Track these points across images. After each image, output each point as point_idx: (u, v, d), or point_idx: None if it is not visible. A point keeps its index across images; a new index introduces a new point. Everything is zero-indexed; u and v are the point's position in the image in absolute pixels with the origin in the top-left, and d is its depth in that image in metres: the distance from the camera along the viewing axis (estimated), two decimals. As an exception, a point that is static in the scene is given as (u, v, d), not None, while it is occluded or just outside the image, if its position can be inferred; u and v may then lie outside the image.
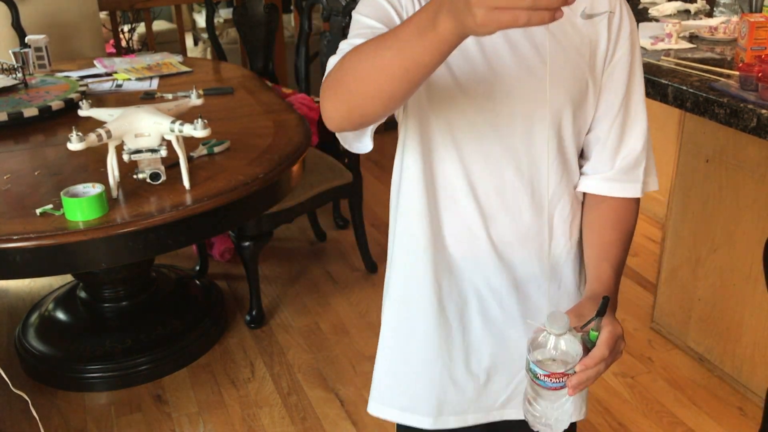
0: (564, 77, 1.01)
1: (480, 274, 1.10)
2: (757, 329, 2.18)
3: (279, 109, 2.44)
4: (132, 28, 5.46)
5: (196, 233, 1.95)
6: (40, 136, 2.33)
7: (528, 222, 1.07)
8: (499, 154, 1.04)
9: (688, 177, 2.34)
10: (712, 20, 2.48)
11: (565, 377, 0.89)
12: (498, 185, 1.05)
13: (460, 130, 1.03)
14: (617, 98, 1.06)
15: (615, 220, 1.10)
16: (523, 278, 1.11)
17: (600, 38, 1.03)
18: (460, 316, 1.13)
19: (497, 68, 1.00)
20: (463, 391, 1.16)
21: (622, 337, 0.94)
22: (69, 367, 2.39)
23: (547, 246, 1.09)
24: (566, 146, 1.06)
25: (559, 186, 1.08)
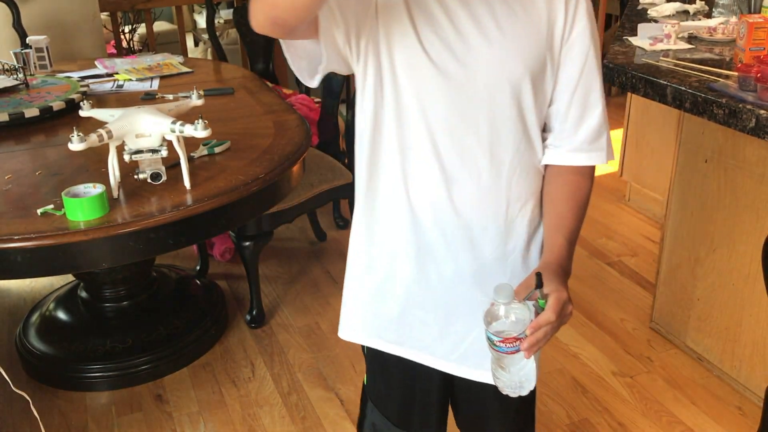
0: (523, 51, 1.09)
1: (438, 230, 1.17)
2: (756, 329, 2.19)
3: (279, 110, 2.45)
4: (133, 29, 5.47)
5: (196, 233, 1.95)
6: (41, 136, 2.33)
7: (486, 185, 1.14)
8: (461, 120, 1.11)
9: (687, 177, 2.35)
10: (711, 21, 2.48)
11: (519, 341, 1.00)
12: (460, 150, 1.12)
13: (428, 98, 1.10)
14: (576, 72, 1.13)
15: (570, 192, 1.17)
16: (479, 237, 1.18)
17: (557, 16, 1.11)
18: (419, 264, 1.20)
19: (461, 40, 1.08)
20: (421, 331, 1.25)
21: (569, 301, 1.05)
22: (70, 367, 2.40)
23: (504, 209, 1.16)
24: (526, 116, 1.13)
25: (518, 153, 1.14)
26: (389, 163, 1.16)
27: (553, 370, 2.42)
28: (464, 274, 1.20)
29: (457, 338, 1.24)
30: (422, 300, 1.23)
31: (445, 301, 1.23)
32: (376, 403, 1.40)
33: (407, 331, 1.26)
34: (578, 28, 1.12)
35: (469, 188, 1.14)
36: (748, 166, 2.12)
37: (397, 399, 1.38)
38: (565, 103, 1.15)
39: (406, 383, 1.35)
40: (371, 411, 1.41)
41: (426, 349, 1.27)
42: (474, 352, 1.24)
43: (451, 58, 1.08)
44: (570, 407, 2.26)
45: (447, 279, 1.21)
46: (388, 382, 1.38)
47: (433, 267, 1.20)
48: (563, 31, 1.11)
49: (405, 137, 1.13)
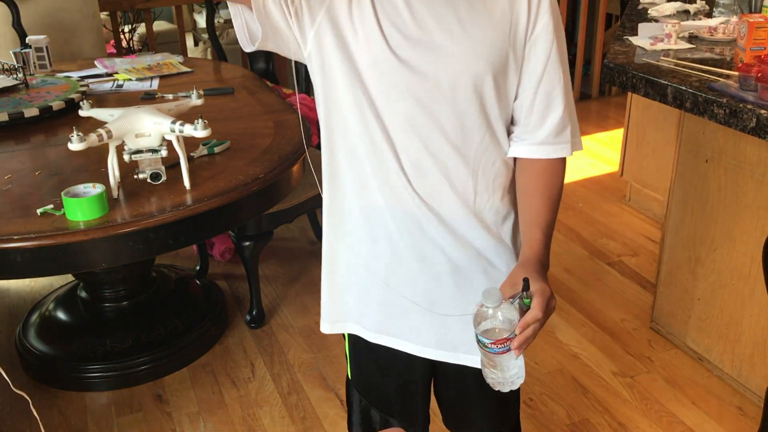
0: (484, 47, 1.11)
1: (410, 220, 1.20)
2: (756, 329, 2.19)
3: (279, 110, 2.45)
4: (132, 29, 5.47)
5: (196, 233, 1.95)
6: (41, 136, 2.33)
7: (453, 177, 1.17)
8: (424, 114, 1.13)
9: (687, 177, 2.35)
10: (712, 21, 2.48)
11: (509, 341, 1.04)
12: (424, 143, 1.14)
13: (391, 92, 1.13)
14: (540, 67, 1.15)
15: (543, 185, 1.20)
16: (450, 227, 1.20)
17: (520, 13, 1.12)
18: (394, 253, 1.23)
19: (424, 36, 1.10)
20: (401, 318, 1.27)
21: (552, 295, 1.09)
22: (70, 367, 2.40)
23: (471, 200, 1.19)
24: (489, 111, 1.15)
25: (482, 145, 1.16)
26: (354, 155, 1.18)
27: (553, 370, 2.42)
28: (439, 261, 1.22)
29: (436, 323, 1.26)
30: (400, 288, 1.25)
31: (423, 288, 1.24)
32: (362, 392, 1.42)
33: (387, 318, 1.28)
34: (541, 24, 1.13)
35: (435, 180, 1.17)
36: (749, 166, 2.12)
37: (381, 387, 1.40)
38: (529, 98, 1.17)
39: (389, 371, 1.37)
40: (358, 401, 1.43)
41: (405, 336, 1.29)
42: (453, 337, 1.26)
43: (414, 53, 1.10)
44: (570, 407, 2.26)
45: (422, 267, 1.23)
46: (371, 370, 1.40)
47: (408, 256, 1.22)
48: (526, 27, 1.13)
49: (369, 130, 1.15)
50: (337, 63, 1.13)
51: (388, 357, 1.32)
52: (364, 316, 1.30)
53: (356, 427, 1.45)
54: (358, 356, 1.40)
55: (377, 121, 1.14)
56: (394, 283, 1.25)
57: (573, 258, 3.09)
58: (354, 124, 1.16)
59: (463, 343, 1.26)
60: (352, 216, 1.24)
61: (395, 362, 1.34)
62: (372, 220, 1.22)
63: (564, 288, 2.87)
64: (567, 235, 3.27)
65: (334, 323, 1.35)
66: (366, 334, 1.31)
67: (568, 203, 3.57)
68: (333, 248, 1.30)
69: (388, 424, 1.43)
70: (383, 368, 1.37)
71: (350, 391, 1.45)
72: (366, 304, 1.29)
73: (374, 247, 1.24)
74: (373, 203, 1.20)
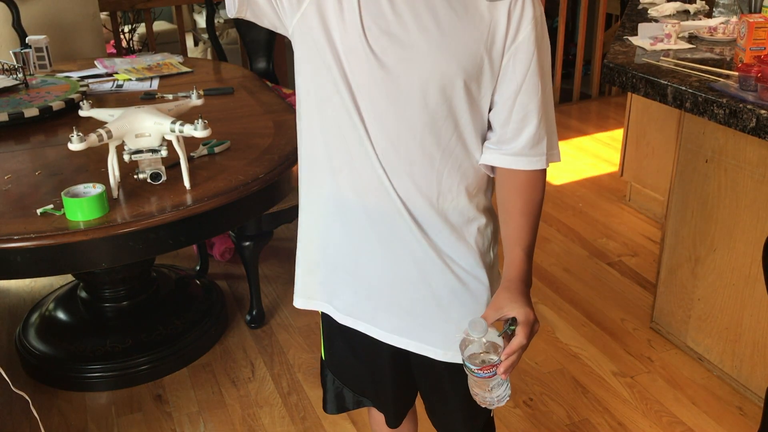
0: (458, 51, 1.10)
1: (377, 211, 1.21)
2: (756, 329, 2.19)
3: (279, 110, 2.45)
4: (132, 29, 5.47)
5: (196, 233, 1.95)
6: (41, 136, 2.33)
7: (418, 175, 1.17)
8: (394, 110, 1.13)
9: (687, 177, 2.35)
10: (712, 21, 2.48)
11: (494, 367, 1.08)
12: (392, 139, 1.15)
13: (363, 85, 1.13)
14: (519, 79, 1.15)
15: (523, 202, 1.21)
16: (417, 222, 1.21)
17: (499, 22, 1.11)
18: (361, 240, 1.25)
19: (400, 33, 1.10)
20: (367, 303, 1.29)
21: (535, 320, 1.13)
22: (69, 367, 2.40)
23: (435, 199, 1.19)
24: (458, 116, 1.15)
25: (449, 149, 1.17)
26: (329, 138, 1.19)
27: (553, 370, 2.42)
28: (407, 253, 1.23)
29: (401, 312, 1.28)
30: (369, 275, 1.27)
31: (388, 277, 1.26)
32: (335, 373, 1.46)
33: (355, 301, 1.30)
34: (522, 35, 1.12)
35: (401, 176, 1.17)
36: (749, 166, 2.12)
37: (353, 368, 1.44)
38: (506, 109, 1.16)
39: (360, 353, 1.40)
40: (332, 382, 1.47)
41: (373, 321, 1.30)
42: (418, 327, 1.28)
43: (388, 47, 1.10)
44: (570, 407, 2.26)
45: (388, 256, 1.24)
46: (342, 351, 1.43)
47: (378, 245, 1.24)
48: (505, 38, 1.12)
49: (345, 115, 1.15)
50: (320, 46, 1.13)
51: (359, 340, 1.34)
52: (334, 297, 1.32)
53: (330, 405, 1.50)
54: (331, 337, 1.43)
55: (354, 108, 1.14)
56: (361, 268, 1.27)
57: (573, 258, 3.09)
58: (332, 108, 1.16)
59: (428, 335, 1.28)
60: (325, 199, 1.25)
61: (365, 346, 1.36)
62: (343, 205, 1.23)
63: (564, 288, 2.87)
64: (567, 235, 3.27)
65: (308, 299, 1.36)
66: (336, 315, 1.33)
67: (568, 203, 3.57)
68: (307, 226, 1.32)
69: (361, 404, 1.48)
70: (355, 350, 1.40)
71: (324, 372, 1.48)
72: (336, 285, 1.31)
73: (344, 231, 1.26)
74: (344, 189, 1.22)
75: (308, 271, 1.35)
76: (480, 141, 1.20)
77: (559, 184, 3.80)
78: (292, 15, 1.14)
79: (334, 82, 1.14)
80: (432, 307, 1.27)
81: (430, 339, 1.28)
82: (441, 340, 1.27)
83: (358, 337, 1.33)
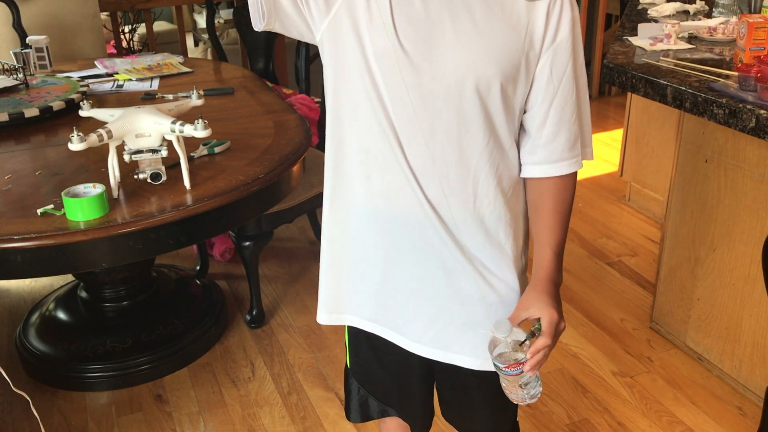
0: (496, 52, 1.08)
1: (410, 217, 1.19)
2: (756, 329, 2.19)
3: (279, 110, 2.45)
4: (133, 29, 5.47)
5: (196, 233, 1.95)
6: (41, 136, 2.33)
7: (455, 179, 1.16)
8: (429, 113, 1.12)
9: (687, 177, 2.35)
10: (711, 21, 2.48)
11: (521, 365, 1.12)
12: (427, 143, 1.13)
13: (397, 88, 1.11)
14: (556, 80, 1.13)
15: (554, 203, 1.20)
16: (450, 227, 1.19)
17: (537, 23, 1.09)
18: (393, 248, 1.23)
19: (436, 34, 1.08)
20: (395, 312, 1.27)
21: (561, 319, 1.15)
22: (70, 367, 2.40)
23: (471, 203, 1.18)
24: (494, 116, 1.13)
25: (486, 150, 1.15)
26: (361, 144, 1.18)
27: (553, 370, 2.42)
28: (436, 261, 1.22)
29: (428, 321, 1.26)
30: (397, 282, 1.25)
31: (419, 285, 1.24)
32: (361, 381, 1.43)
33: (382, 310, 1.28)
34: (561, 37, 1.11)
35: (437, 180, 1.15)
36: (748, 166, 2.12)
37: (379, 377, 1.41)
38: (543, 112, 1.15)
39: (387, 362, 1.38)
40: (356, 390, 1.44)
41: (399, 329, 1.29)
42: (446, 336, 1.26)
43: (424, 50, 1.08)
44: (570, 407, 2.26)
45: (420, 264, 1.22)
46: (369, 361, 1.40)
47: (407, 252, 1.22)
48: (543, 39, 1.10)
49: (376, 122, 1.14)
50: (350, 51, 1.11)
51: (386, 349, 1.33)
52: (361, 306, 1.30)
53: (353, 413, 1.47)
54: (356, 346, 1.40)
55: (384, 114, 1.13)
56: (390, 276, 1.25)
57: (573, 258, 3.09)
58: (363, 114, 1.15)
59: (456, 343, 1.26)
60: (352, 207, 1.24)
61: (392, 355, 1.34)
62: (371, 212, 1.22)
63: (564, 288, 2.86)
64: (567, 235, 3.27)
65: (330, 313, 1.34)
66: (362, 324, 1.32)
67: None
68: (333, 236, 1.30)
69: (386, 414, 1.44)
70: (381, 359, 1.38)
71: (349, 380, 1.46)
72: (363, 295, 1.29)
73: (373, 239, 1.24)
74: (373, 196, 1.20)
75: (334, 280, 1.32)
76: (514, 141, 1.18)
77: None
78: (321, 20, 1.12)
79: (363, 86, 1.12)
80: (461, 315, 1.25)
81: (459, 348, 1.26)
82: (470, 348, 1.25)
83: (384, 345, 1.32)
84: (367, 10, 1.09)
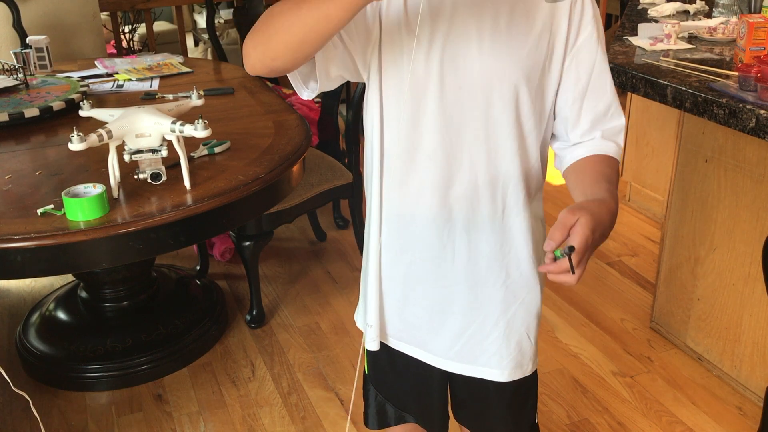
0: (522, 56, 1.08)
1: (435, 231, 1.18)
2: (756, 329, 2.19)
3: (279, 110, 2.45)
4: (133, 29, 5.48)
5: (196, 233, 1.95)
6: (41, 136, 2.33)
7: (483, 188, 1.15)
8: (458, 123, 1.11)
9: (687, 177, 2.35)
10: (711, 21, 2.48)
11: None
12: (457, 152, 1.12)
13: (420, 101, 1.11)
14: (584, 79, 1.13)
15: (601, 160, 1.15)
16: (475, 240, 1.18)
17: (561, 24, 1.09)
18: (416, 263, 1.22)
19: (462, 44, 1.08)
20: (419, 328, 1.27)
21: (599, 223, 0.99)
22: (70, 367, 2.40)
23: (500, 213, 1.17)
24: (523, 122, 1.13)
25: (515, 158, 1.14)
26: (389, 166, 1.18)
27: (553, 370, 2.42)
28: (460, 274, 1.21)
29: (452, 335, 1.26)
30: (419, 298, 1.25)
31: (442, 299, 1.24)
32: (378, 388, 1.42)
33: (406, 327, 1.28)
34: (583, 36, 1.11)
35: (465, 190, 1.15)
36: (748, 166, 2.12)
37: (396, 385, 1.41)
38: (576, 110, 1.14)
39: (405, 373, 1.37)
40: (374, 396, 1.43)
41: (424, 345, 1.29)
42: (470, 349, 1.26)
43: (453, 57, 1.08)
44: (570, 407, 2.26)
45: (442, 278, 1.22)
46: (386, 370, 1.40)
47: (430, 266, 1.22)
48: (567, 39, 1.10)
49: (401, 140, 1.14)
50: (387, 66, 1.11)
51: (404, 361, 1.33)
52: (387, 324, 1.30)
53: (371, 420, 1.46)
54: (375, 355, 1.39)
55: (412, 120, 1.12)
56: (413, 293, 1.25)
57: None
58: (393, 121, 1.15)
59: (482, 355, 1.26)
60: (382, 223, 1.23)
61: (411, 366, 1.34)
62: (400, 226, 1.21)
63: (564, 288, 2.87)
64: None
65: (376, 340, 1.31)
66: (391, 342, 1.32)
67: (568, 203, 3.56)
68: (366, 255, 1.31)
69: (403, 420, 1.44)
70: (399, 370, 1.37)
71: (366, 386, 1.45)
72: (386, 311, 1.29)
73: (396, 255, 1.24)
74: (402, 209, 1.19)
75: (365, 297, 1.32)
76: (540, 144, 1.17)
77: (559, 184, 3.80)
78: (363, 51, 1.11)
79: (396, 97, 1.12)
80: (485, 326, 1.25)
81: (486, 360, 1.26)
82: (497, 360, 1.26)
83: (403, 357, 1.32)
84: (399, 21, 1.09)
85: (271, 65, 1.01)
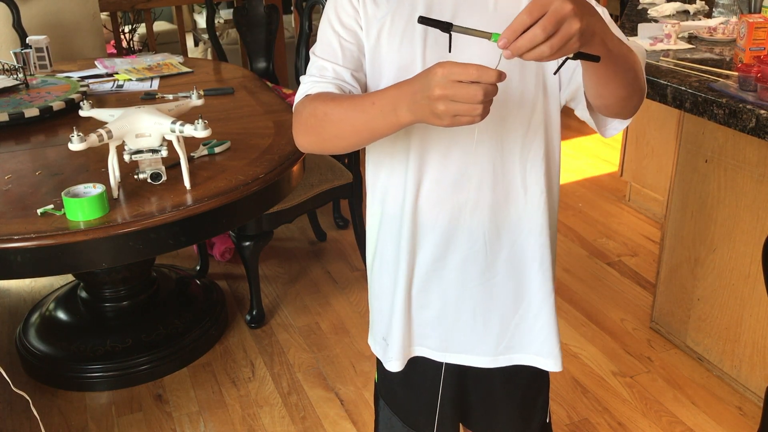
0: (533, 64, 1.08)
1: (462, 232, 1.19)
2: (756, 329, 2.19)
3: (279, 110, 2.45)
4: (133, 29, 5.48)
5: (196, 233, 1.95)
6: (41, 136, 2.33)
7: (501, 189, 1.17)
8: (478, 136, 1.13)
9: (687, 177, 2.35)
10: (711, 21, 2.48)
11: None
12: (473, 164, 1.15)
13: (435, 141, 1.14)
14: None
15: None
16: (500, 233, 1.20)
17: None
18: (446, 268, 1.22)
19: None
20: (464, 333, 1.26)
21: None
22: (70, 367, 2.40)
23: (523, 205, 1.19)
24: (549, 124, 1.20)
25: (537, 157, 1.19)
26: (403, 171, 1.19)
27: (553, 370, 2.42)
28: (501, 265, 1.22)
29: (498, 331, 1.26)
30: (456, 302, 1.24)
31: (479, 298, 1.24)
32: (387, 401, 1.41)
33: (448, 336, 1.27)
34: None
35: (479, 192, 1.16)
36: (748, 166, 2.12)
37: (405, 399, 1.39)
38: None
39: (416, 386, 1.35)
40: (383, 408, 1.42)
41: (472, 350, 1.28)
42: (519, 339, 1.26)
43: None
44: (570, 407, 2.26)
45: (475, 277, 1.22)
46: (396, 382, 1.38)
47: (472, 266, 1.22)
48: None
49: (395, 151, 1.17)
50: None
51: (417, 373, 1.31)
52: (425, 338, 1.28)
53: (381, 430, 1.45)
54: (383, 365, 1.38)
55: (424, 134, 1.14)
56: (450, 298, 1.25)
57: (573, 258, 3.09)
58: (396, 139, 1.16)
59: (532, 344, 1.27)
60: (418, 241, 1.22)
61: (425, 375, 1.32)
62: (443, 239, 1.21)
63: (564, 288, 2.87)
64: (567, 235, 3.27)
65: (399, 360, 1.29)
66: (433, 355, 1.29)
67: (568, 203, 3.57)
68: (379, 275, 1.32)
69: None
70: (410, 383, 1.35)
71: (376, 395, 1.44)
72: (427, 325, 1.27)
73: (431, 264, 1.23)
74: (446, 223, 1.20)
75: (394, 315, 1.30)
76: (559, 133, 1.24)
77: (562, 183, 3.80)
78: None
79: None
80: (529, 310, 1.25)
81: (537, 349, 1.27)
82: (548, 349, 1.26)
83: (416, 369, 1.31)
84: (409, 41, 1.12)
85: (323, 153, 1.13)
